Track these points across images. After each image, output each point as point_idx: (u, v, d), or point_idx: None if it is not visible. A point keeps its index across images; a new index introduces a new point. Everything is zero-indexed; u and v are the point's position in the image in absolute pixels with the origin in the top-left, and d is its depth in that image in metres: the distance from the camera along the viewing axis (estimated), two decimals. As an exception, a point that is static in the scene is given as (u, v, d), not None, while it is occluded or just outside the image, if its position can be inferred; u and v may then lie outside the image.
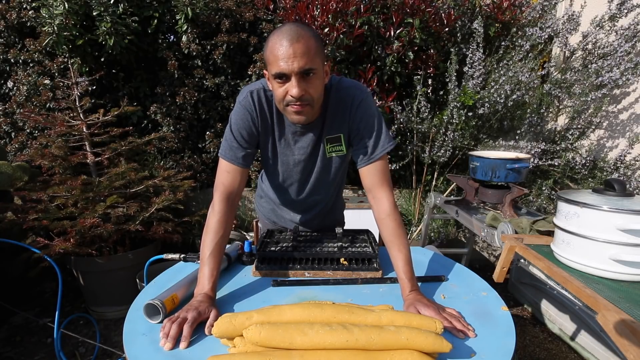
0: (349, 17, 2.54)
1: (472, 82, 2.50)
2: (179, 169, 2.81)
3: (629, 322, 0.83)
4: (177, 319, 0.80)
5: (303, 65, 0.87)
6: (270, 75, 0.92)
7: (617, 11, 2.24)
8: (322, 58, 0.94)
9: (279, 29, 0.90)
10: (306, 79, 0.90)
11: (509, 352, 0.76)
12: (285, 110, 0.97)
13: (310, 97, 0.93)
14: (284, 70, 0.88)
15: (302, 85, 0.90)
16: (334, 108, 1.05)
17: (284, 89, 0.91)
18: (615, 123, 2.38)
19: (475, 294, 1.01)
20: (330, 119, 1.06)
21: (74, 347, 2.03)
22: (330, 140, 1.09)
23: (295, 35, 0.87)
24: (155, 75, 2.94)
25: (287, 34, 0.87)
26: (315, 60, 0.90)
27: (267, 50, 0.91)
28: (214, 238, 0.97)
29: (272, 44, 0.89)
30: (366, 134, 1.05)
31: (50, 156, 2.21)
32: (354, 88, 1.05)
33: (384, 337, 0.69)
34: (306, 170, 1.15)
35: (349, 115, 1.05)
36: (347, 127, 1.07)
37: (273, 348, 0.71)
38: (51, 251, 1.90)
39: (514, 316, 1.79)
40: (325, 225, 1.35)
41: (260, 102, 1.04)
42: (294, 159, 1.12)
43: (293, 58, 0.86)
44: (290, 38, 0.86)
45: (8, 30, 2.83)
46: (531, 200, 2.39)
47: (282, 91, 0.92)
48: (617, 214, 1.02)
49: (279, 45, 0.87)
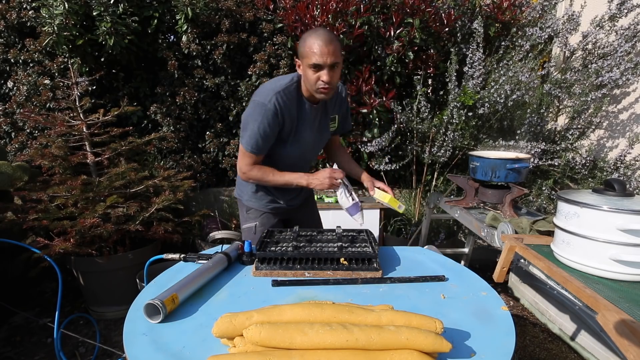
0: (349, 17, 2.54)
1: (472, 82, 2.50)
2: (179, 169, 2.81)
3: (629, 322, 0.83)
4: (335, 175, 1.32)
5: (333, 61, 1.22)
6: (306, 65, 1.24)
7: (617, 11, 2.24)
8: (342, 56, 1.29)
9: (315, 32, 1.23)
10: (333, 70, 1.24)
11: (509, 352, 0.76)
12: (315, 91, 1.28)
13: (334, 83, 1.27)
14: (320, 63, 1.21)
15: (330, 74, 1.23)
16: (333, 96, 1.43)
17: (317, 76, 1.24)
18: (615, 123, 2.38)
19: (475, 294, 1.01)
20: (332, 104, 1.46)
21: (74, 347, 2.03)
22: (331, 119, 1.49)
23: (329, 38, 1.21)
24: (155, 75, 2.94)
25: (323, 37, 1.20)
26: (339, 57, 1.25)
27: (305, 47, 1.23)
28: (268, 170, 1.37)
29: (311, 42, 1.21)
30: (346, 116, 1.56)
31: (50, 156, 2.21)
32: (340, 83, 1.47)
33: (384, 337, 0.69)
34: (317, 141, 1.49)
35: (341, 102, 1.50)
36: (339, 110, 1.51)
37: (273, 348, 0.71)
38: (51, 251, 1.90)
39: (514, 316, 1.79)
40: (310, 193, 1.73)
41: (285, 103, 1.30)
42: (310, 134, 1.43)
43: (327, 55, 1.20)
44: (325, 40, 1.20)
45: (8, 30, 2.83)
46: (531, 200, 2.39)
47: (315, 77, 1.24)
48: (617, 214, 1.02)
49: (317, 44, 1.20)
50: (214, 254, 1.18)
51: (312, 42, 1.21)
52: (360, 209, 1.38)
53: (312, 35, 1.22)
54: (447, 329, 0.80)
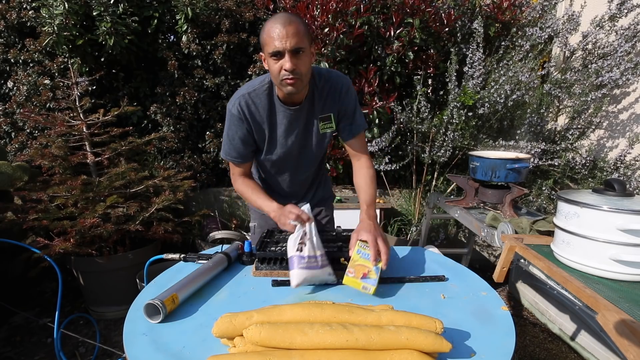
0: (349, 17, 2.54)
1: (472, 82, 2.50)
2: (179, 169, 2.81)
3: (629, 322, 0.83)
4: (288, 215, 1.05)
5: (294, 44, 1.03)
6: (267, 55, 1.08)
7: (617, 11, 2.24)
8: (309, 41, 1.11)
9: (272, 17, 1.06)
10: (297, 56, 1.06)
11: (508, 352, 0.76)
12: (280, 84, 1.11)
13: (300, 72, 1.08)
14: (279, 48, 1.03)
15: (293, 61, 1.05)
16: (324, 92, 1.23)
17: (279, 65, 1.06)
18: (615, 123, 2.38)
19: (475, 294, 1.01)
20: (322, 102, 1.24)
21: (74, 347, 2.03)
22: (322, 119, 1.27)
23: (287, 20, 1.03)
24: (155, 75, 2.94)
25: (280, 19, 1.03)
26: (304, 40, 1.06)
27: (263, 34, 1.07)
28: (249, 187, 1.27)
29: (268, 28, 1.05)
30: (351, 114, 1.28)
31: (50, 156, 2.21)
32: (342, 77, 1.26)
33: (384, 337, 0.69)
34: (304, 147, 1.32)
35: (339, 99, 1.25)
36: (336, 107, 1.27)
37: (273, 348, 0.71)
38: (51, 251, 1.90)
39: (514, 316, 1.79)
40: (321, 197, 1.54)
41: (248, 106, 1.19)
42: (291, 140, 1.27)
43: (286, 38, 1.02)
44: (283, 22, 1.03)
45: (8, 30, 2.83)
46: (531, 200, 2.39)
47: (278, 67, 1.07)
48: (617, 214, 1.02)
49: (274, 28, 1.03)
50: (214, 254, 1.18)
51: (269, 27, 1.04)
52: (305, 267, 0.98)
53: (270, 20, 1.06)
54: (447, 329, 0.80)
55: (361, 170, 1.32)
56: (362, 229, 1.05)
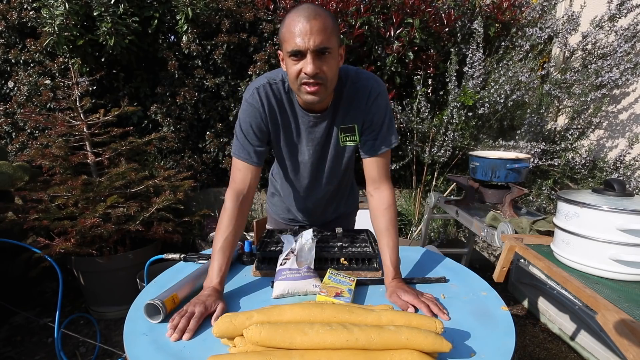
0: (349, 17, 2.54)
1: (472, 82, 2.50)
2: (179, 169, 2.81)
3: (628, 322, 0.83)
4: (185, 313, 0.84)
5: (319, 43, 0.86)
6: (285, 54, 0.91)
7: (617, 11, 2.24)
8: (338, 39, 0.92)
9: (296, 8, 0.89)
10: (321, 58, 0.88)
11: (508, 352, 0.76)
12: (298, 90, 0.94)
13: (325, 77, 0.90)
14: (300, 47, 0.86)
15: (317, 63, 0.88)
16: (350, 98, 1.04)
17: (299, 67, 0.89)
18: (615, 123, 2.38)
19: (475, 294, 1.01)
20: (345, 109, 1.05)
21: (75, 347, 2.04)
22: (344, 130, 1.08)
23: (313, 12, 0.86)
24: (155, 75, 2.94)
25: (305, 12, 0.86)
26: (332, 39, 0.88)
27: (283, 29, 0.90)
28: (224, 233, 0.99)
29: (289, 21, 0.87)
30: (377, 127, 1.06)
31: (50, 156, 2.21)
32: (372, 80, 1.04)
33: (384, 337, 0.69)
34: (320, 160, 1.14)
35: (365, 106, 1.04)
36: (361, 117, 1.06)
37: (273, 348, 0.71)
38: (52, 251, 1.90)
39: (514, 316, 1.79)
40: (343, 213, 1.38)
41: (268, 97, 1.02)
42: (309, 150, 1.11)
43: (310, 35, 0.85)
44: (308, 15, 0.85)
45: (9, 31, 2.83)
46: (531, 200, 2.39)
47: (297, 69, 0.89)
48: (617, 214, 1.02)
49: (296, 22, 0.86)
50: (214, 254, 1.18)
51: (291, 20, 0.87)
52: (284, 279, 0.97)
53: (293, 11, 0.88)
54: (447, 329, 0.81)
55: (381, 209, 1.07)
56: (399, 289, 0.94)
